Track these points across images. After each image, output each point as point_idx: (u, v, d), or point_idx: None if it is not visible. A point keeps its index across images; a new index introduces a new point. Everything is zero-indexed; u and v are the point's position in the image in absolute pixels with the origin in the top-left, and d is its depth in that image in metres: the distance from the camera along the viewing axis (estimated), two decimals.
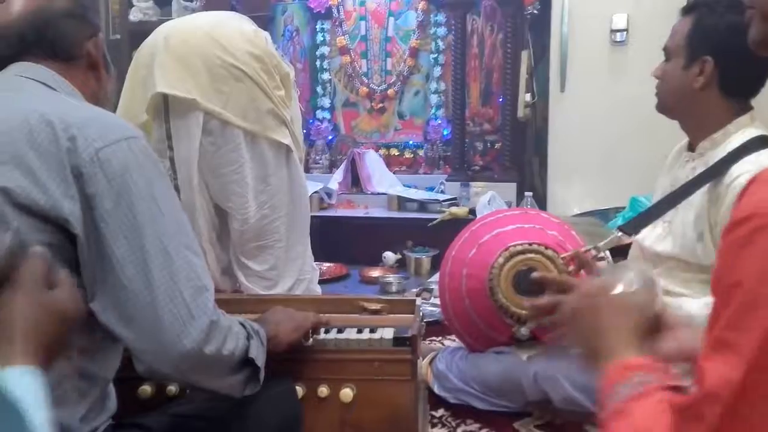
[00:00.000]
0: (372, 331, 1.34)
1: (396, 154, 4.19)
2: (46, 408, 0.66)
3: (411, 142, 4.19)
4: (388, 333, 1.33)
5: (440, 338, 2.50)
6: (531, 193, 3.29)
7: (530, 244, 1.87)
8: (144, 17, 4.25)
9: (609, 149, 3.22)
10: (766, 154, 1.42)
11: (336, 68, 4.28)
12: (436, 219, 3.51)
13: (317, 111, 4.32)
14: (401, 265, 3.52)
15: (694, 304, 1.41)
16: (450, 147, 4.00)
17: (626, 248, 1.74)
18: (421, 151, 4.14)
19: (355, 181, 4.08)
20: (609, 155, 3.22)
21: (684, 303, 1.44)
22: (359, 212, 3.87)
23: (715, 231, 1.44)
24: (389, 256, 3.54)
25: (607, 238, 1.49)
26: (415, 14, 4.08)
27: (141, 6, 4.27)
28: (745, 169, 1.38)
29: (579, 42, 3.28)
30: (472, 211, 3.49)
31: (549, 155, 3.46)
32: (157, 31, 2.00)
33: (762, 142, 1.45)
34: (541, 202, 3.42)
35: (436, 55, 4.06)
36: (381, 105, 4.20)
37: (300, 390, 1.26)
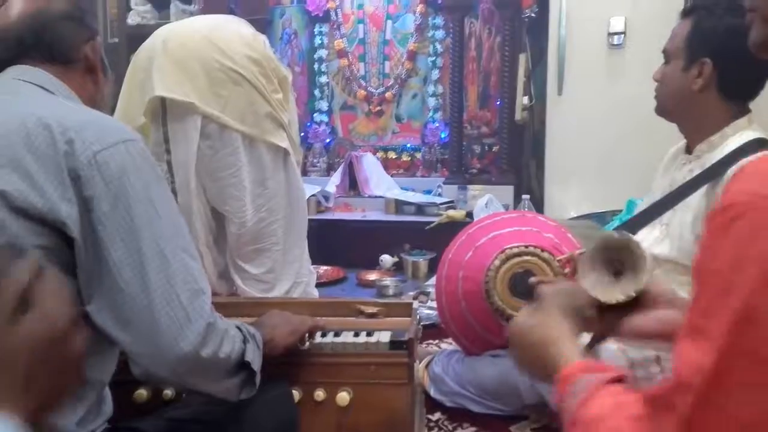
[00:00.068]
0: (369, 335, 1.34)
1: (394, 157, 4.19)
2: None
3: (409, 145, 4.19)
4: (385, 336, 1.33)
5: (437, 341, 2.49)
6: (528, 196, 3.29)
7: (526, 247, 1.87)
8: (142, 21, 4.25)
9: (606, 152, 3.23)
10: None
11: (334, 71, 4.28)
12: (434, 222, 3.51)
13: (315, 114, 4.31)
14: (398, 268, 3.52)
15: None
16: (447, 150, 4.01)
17: None
18: (419, 154, 4.14)
19: (353, 184, 4.08)
20: (606, 158, 3.23)
21: None
22: (356, 215, 3.86)
23: None
24: (386, 259, 3.54)
25: None
26: (413, 17, 4.07)
27: (139, 9, 4.27)
28: None
29: (576, 45, 3.29)
30: (470, 214, 3.49)
31: (546, 158, 3.46)
32: (155, 35, 2.00)
33: (759, 145, 1.46)
34: (539, 205, 3.42)
35: (434, 59, 4.06)
36: (379, 108, 4.20)
37: (296, 394, 1.26)
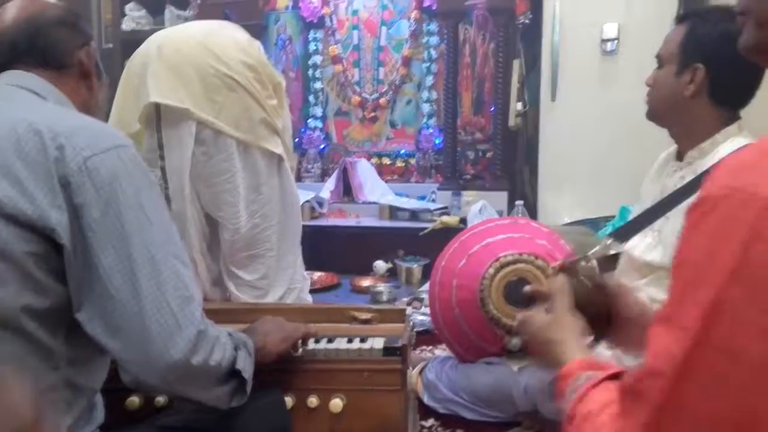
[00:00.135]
0: (362, 341, 1.34)
1: (388, 163, 4.19)
2: None
3: (403, 151, 4.19)
4: (379, 343, 1.32)
5: (431, 347, 2.49)
6: (522, 202, 3.29)
7: (520, 255, 1.87)
8: (136, 26, 4.26)
9: (599, 158, 3.23)
10: None
11: (328, 77, 4.28)
12: (428, 228, 3.51)
13: (309, 120, 4.31)
14: (392, 275, 3.52)
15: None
16: (441, 156, 4.01)
17: (616, 260, 1.74)
18: (413, 160, 4.14)
19: (347, 190, 4.08)
20: (599, 164, 3.23)
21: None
22: (350, 221, 3.86)
23: None
24: (380, 265, 3.54)
25: (597, 247, 1.50)
26: (408, 23, 4.09)
27: (133, 15, 4.28)
28: None
29: (570, 51, 3.30)
30: (464, 220, 3.49)
31: (540, 164, 3.46)
32: (150, 40, 2.00)
33: None
34: (532, 211, 3.42)
35: (428, 65, 4.07)
36: (373, 114, 4.20)
37: (289, 400, 1.25)
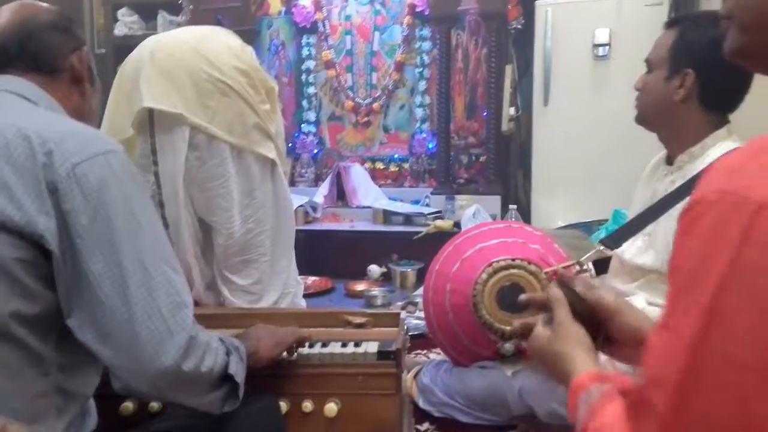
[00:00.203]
0: (356, 345, 1.34)
1: (381, 168, 4.20)
2: None
3: (396, 156, 4.20)
4: (373, 347, 1.33)
5: (425, 351, 2.49)
6: (515, 206, 3.30)
7: (513, 260, 1.88)
8: (129, 31, 4.26)
9: (592, 162, 3.25)
10: None
11: (321, 82, 4.29)
12: (422, 232, 3.51)
13: (303, 125, 4.31)
14: (386, 279, 3.52)
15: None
16: (435, 160, 4.02)
17: (608, 261, 1.75)
18: (407, 165, 4.15)
19: (341, 195, 4.08)
20: (592, 168, 3.25)
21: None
22: (344, 226, 3.86)
23: None
24: (374, 270, 3.54)
25: (590, 252, 1.50)
26: (401, 29, 4.09)
27: (126, 20, 4.28)
28: None
29: (562, 56, 3.32)
30: (457, 224, 3.50)
31: (533, 168, 3.48)
32: (143, 46, 1.99)
33: None
34: (526, 215, 3.43)
35: (421, 69, 4.08)
36: (366, 119, 4.21)
37: (284, 405, 1.25)
